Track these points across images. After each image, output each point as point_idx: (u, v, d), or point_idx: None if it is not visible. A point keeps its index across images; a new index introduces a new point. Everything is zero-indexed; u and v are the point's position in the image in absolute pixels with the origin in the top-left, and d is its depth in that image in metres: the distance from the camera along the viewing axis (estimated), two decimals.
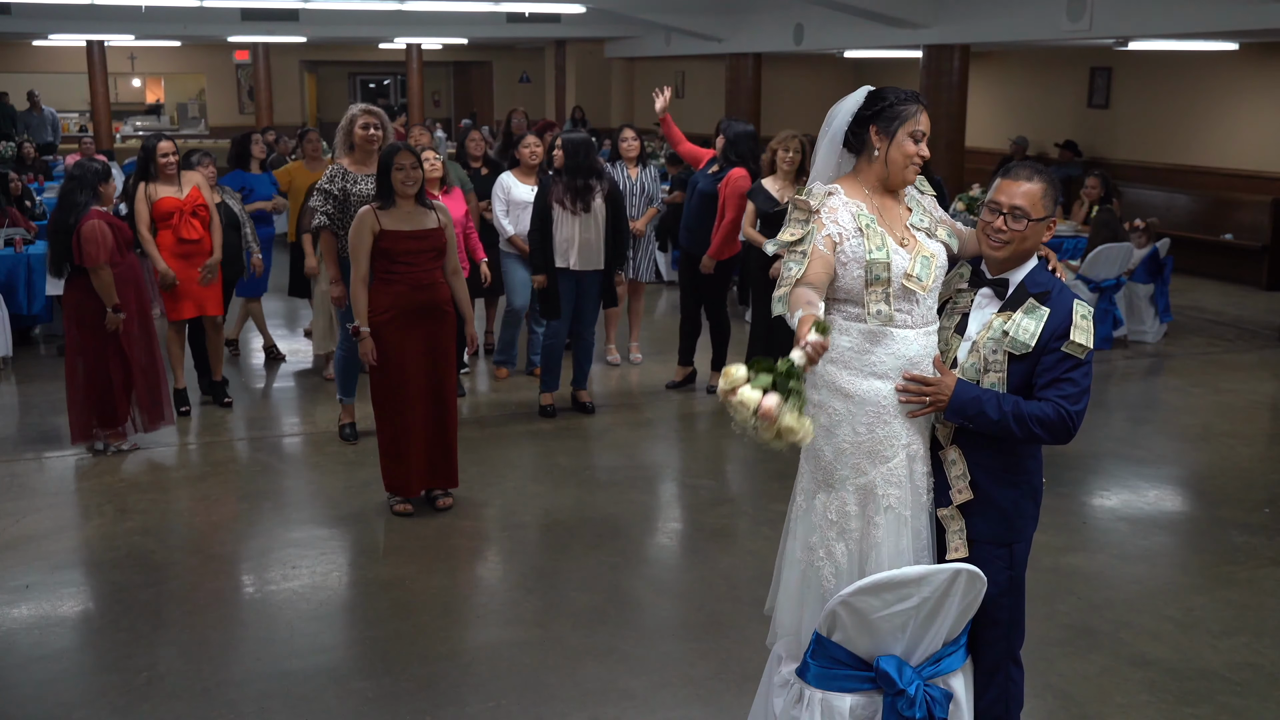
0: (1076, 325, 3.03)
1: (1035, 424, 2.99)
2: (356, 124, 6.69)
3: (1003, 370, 3.06)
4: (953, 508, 3.14)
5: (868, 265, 3.05)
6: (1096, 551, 5.48)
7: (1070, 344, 3.01)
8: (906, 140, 3.12)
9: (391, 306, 5.57)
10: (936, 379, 3.06)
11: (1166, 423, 7.72)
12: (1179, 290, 11.02)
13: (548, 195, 7.16)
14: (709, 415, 7.67)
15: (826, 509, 3.17)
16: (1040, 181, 3.09)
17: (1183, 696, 4.17)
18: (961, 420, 3.05)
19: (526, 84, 26.03)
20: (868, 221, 3.10)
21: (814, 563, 3.19)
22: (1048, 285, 3.09)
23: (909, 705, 2.95)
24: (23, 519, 5.79)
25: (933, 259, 3.11)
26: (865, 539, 3.13)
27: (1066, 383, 3.01)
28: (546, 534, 5.68)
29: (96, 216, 6.40)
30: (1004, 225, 3.07)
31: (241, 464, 6.72)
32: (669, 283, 11.96)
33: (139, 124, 24.58)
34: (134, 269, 6.59)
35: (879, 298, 3.06)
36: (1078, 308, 3.06)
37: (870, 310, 3.06)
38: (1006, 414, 3.00)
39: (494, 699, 4.14)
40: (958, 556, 3.12)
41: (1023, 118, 16.35)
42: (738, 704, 3.98)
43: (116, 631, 4.65)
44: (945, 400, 3.03)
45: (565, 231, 7.10)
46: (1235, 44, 12.26)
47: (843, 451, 3.13)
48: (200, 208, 7.14)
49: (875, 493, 3.11)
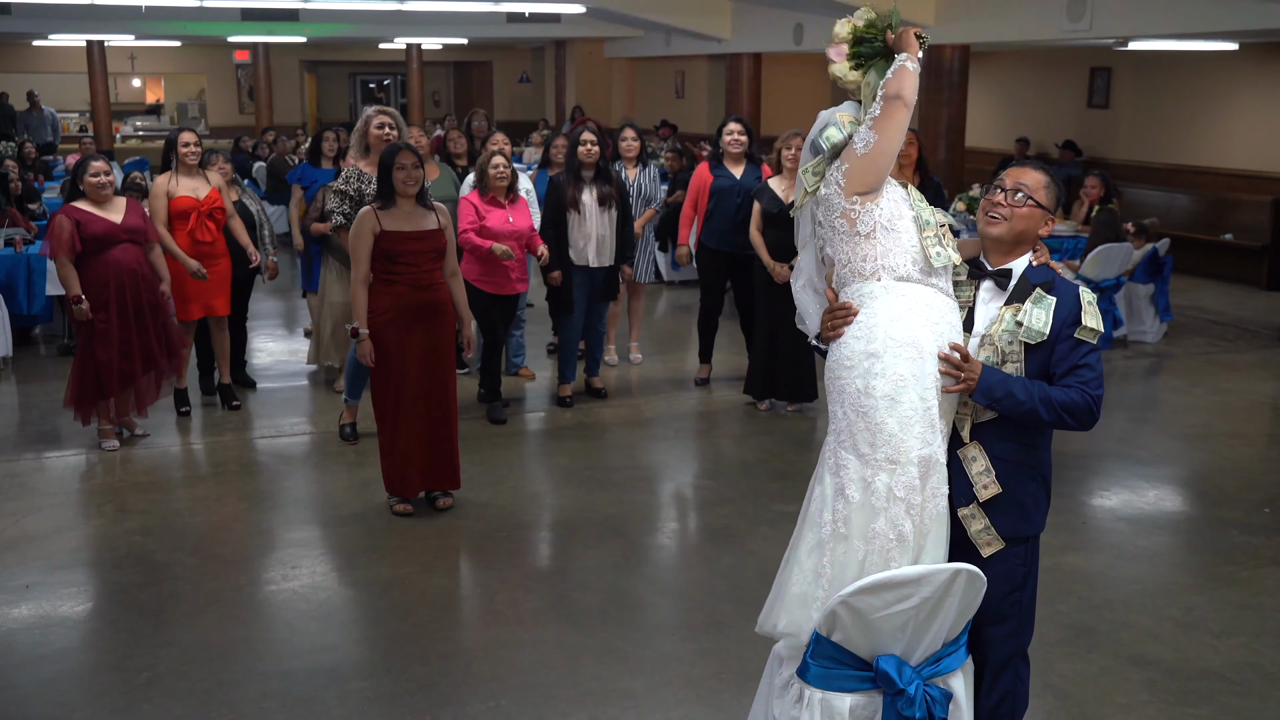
0: (1086, 310, 3.05)
1: (1062, 409, 3.02)
2: (372, 125, 6.72)
3: (1020, 360, 3.06)
4: (974, 505, 3.10)
5: (916, 215, 3.09)
6: (1096, 551, 5.49)
7: (1083, 329, 3.05)
8: None
9: (392, 307, 5.57)
10: (973, 360, 3.04)
11: (1166, 423, 7.72)
12: (1179, 290, 11.02)
13: (561, 194, 7.30)
14: (709, 415, 7.68)
15: (892, 488, 3.00)
16: (1046, 174, 3.14)
17: (1183, 696, 4.17)
18: (989, 402, 3.02)
19: (526, 84, 26.04)
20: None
21: (880, 548, 3.00)
22: (1048, 275, 3.13)
23: (909, 705, 2.95)
24: (23, 519, 5.79)
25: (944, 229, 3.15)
26: (927, 512, 3.02)
27: (1084, 368, 3.05)
28: (546, 534, 5.69)
29: (64, 211, 6.44)
30: (1004, 200, 3.10)
31: (242, 464, 6.71)
32: (669, 283, 11.98)
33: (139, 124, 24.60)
34: (115, 267, 6.50)
35: (935, 240, 3.07)
36: (1083, 294, 3.09)
37: (931, 252, 3.05)
38: (1035, 397, 3.01)
39: (494, 699, 4.14)
40: (993, 551, 3.10)
41: (1023, 118, 16.35)
42: (738, 704, 3.98)
43: (116, 631, 4.66)
44: (974, 382, 3.01)
45: (585, 229, 7.34)
46: (1235, 44, 12.26)
47: (909, 421, 2.99)
48: (218, 210, 7.14)
49: (937, 461, 3.03)
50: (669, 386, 8.24)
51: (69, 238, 6.37)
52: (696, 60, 20.36)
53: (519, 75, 26.05)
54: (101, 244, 6.45)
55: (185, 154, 7.08)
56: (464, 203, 7.11)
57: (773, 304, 7.23)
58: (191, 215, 7.03)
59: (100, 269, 6.45)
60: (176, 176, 7.09)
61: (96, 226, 6.45)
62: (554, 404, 7.70)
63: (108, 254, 6.47)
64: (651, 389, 8.20)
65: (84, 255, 6.43)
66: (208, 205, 7.08)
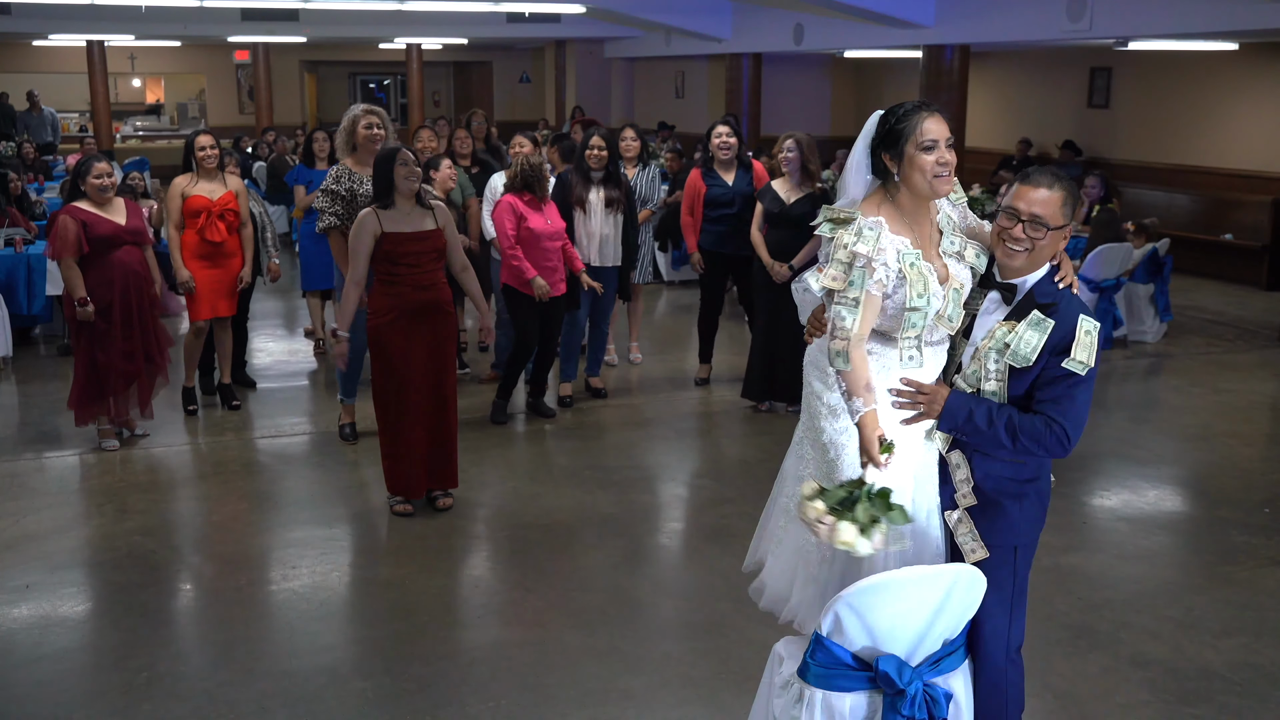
0: (1079, 341, 2.98)
1: (1026, 437, 2.99)
2: (359, 124, 6.70)
3: (1003, 380, 3.05)
4: (961, 511, 3.17)
5: (907, 315, 3.06)
6: (1096, 551, 5.49)
7: (1071, 360, 2.97)
8: (918, 154, 3.04)
9: (394, 308, 5.57)
10: (931, 387, 3.06)
11: (1166, 423, 7.72)
12: (1179, 290, 11.02)
13: (569, 191, 7.41)
14: (709, 415, 7.68)
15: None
16: (1060, 189, 3.03)
17: (1183, 696, 4.17)
18: (952, 430, 3.07)
19: (526, 84, 26.03)
20: (912, 260, 3.06)
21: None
22: (1055, 296, 3.05)
23: (909, 705, 2.95)
24: (23, 519, 5.79)
25: (962, 290, 3.13)
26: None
27: (1065, 400, 2.99)
28: (546, 534, 5.68)
29: (67, 211, 6.42)
30: (1022, 233, 3.02)
31: (242, 464, 6.71)
32: (669, 283, 11.98)
33: (139, 124, 24.60)
34: (121, 269, 6.51)
35: (912, 344, 3.10)
36: (1083, 323, 3.00)
37: (904, 352, 3.11)
38: (998, 425, 2.99)
39: (494, 699, 4.14)
40: (977, 559, 3.13)
41: (1023, 118, 16.35)
42: (738, 704, 3.98)
43: (116, 631, 4.65)
44: (937, 410, 3.04)
45: (589, 228, 7.46)
46: (1235, 44, 12.27)
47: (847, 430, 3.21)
48: (229, 211, 7.15)
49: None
50: (669, 386, 8.24)
51: (75, 239, 6.36)
52: (696, 60, 20.36)
53: (519, 75, 26.05)
54: (108, 245, 6.45)
55: (203, 158, 7.08)
56: (503, 205, 7.02)
57: (772, 306, 7.23)
58: (202, 214, 7.04)
59: (106, 270, 6.45)
60: (196, 179, 7.11)
61: (103, 228, 6.45)
62: (555, 403, 7.69)
63: (112, 255, 6.47)
64: (651, 389, 8.20)
65: (89, 256, 6.43)
66: (219, 206, 7.08)
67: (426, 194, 5.77)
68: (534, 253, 6.97)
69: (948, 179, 3.08)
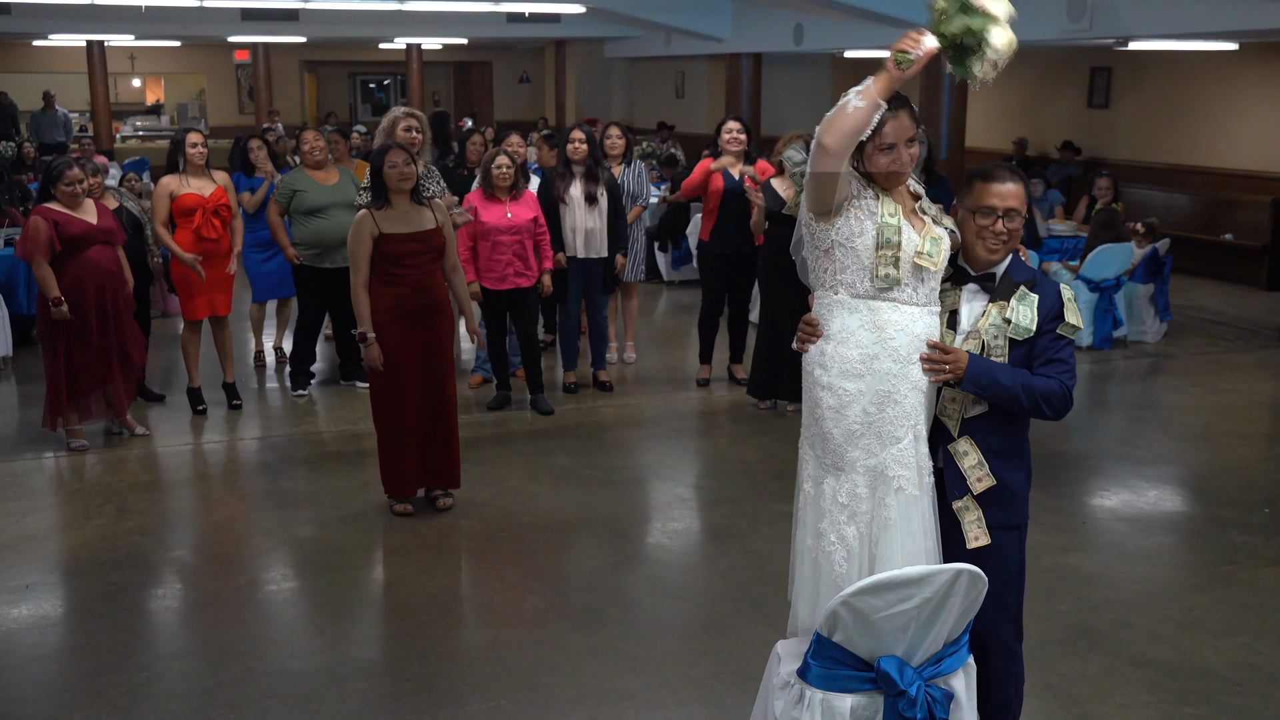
0: (1067, 307, 3.20)
1: (1041, 397, 3.15)
2: (399, 126, 6.79)
3: (1004, 355, 3.18)
4: (968, 498, 3.20)
5: (880, 227, 3.07)
6: (1096, 551, 5.48)
7: (1064, 325, 3.19)
8: (877, 155, 3.11)
9: (393, 308, 5.56)
10: (955, 350, 3.12)
11: (1166, 423, 7.72)
12: (1179, 290, 11.01)
13: (553, 188, 7.62)
14: (709, 415, 7.68)
15: (836, 493, 3.19)
16: (1020, 180, 3.22)
17: (1183, 696, 4.17)
18: (975, 389, 3.12)
19: (526, 84, 26.03)
20: (878, 191, 3.14)
21: (825, 548, 3.21)
22: (1030, 274, 3.24)
23: (910, 706, 2.95)
24: (23, 519, 5.79)
25: (940, 240, 3.15)
26: (875, 520, 3.16)
27: (1060, 361, 3.19)
28: (546, 534, 5.68)
29: (39, 212, 6.42)
30: (1003, 227, 3.17)
31: (241, 464, 6.71)
32: (669, 283, 11.97)
33: (139, 124, 24.58)
34: (93, 268, 6.49)
35: (888, 261, 3.08)
36: (1064, 290, 3.22)
37: (879, 274, 3.09)
38: (1018, 384, 3.13)
39: (494, 699, 4.14)
40: (979, 545, 3.18)
41: (1023, 118, 16.34)
42: (738, 704, 3.98)
43: (116, 631, 4.65)
44: (961, 371, 3.11)
45: (572, 221, 7.63)
46: (1235, 44, 12.26)
47: (853, 434, 3.15)
48: (223, 207, 7.15)
49: (886, 474, 3.14)
50: (669, 386, 8.24)
51: (47, 239, 6.35)
52: (696, 60, 20.35)
53: (519, 75, 26.05)
54: (79, 244, 6.45)
55: (193, 154, 7.08)
56: (465, 200, 7.32)
57: (775, 305, 7.23)
58: (197, 213, 7.04)
59: (77, 269, 6.44)
60: (185, 177, 7.10)
61: (74, 227, 6.44)
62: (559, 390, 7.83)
63: (84, 254, 6.47)
64: (651, 389, 8.20)
65: (61, 256, 6.41)
66: (213, 203, 7.08)
67: (424, 189, 5.76)
68: (485, 246, 7.12)
69: (903, 178, 3.17)
